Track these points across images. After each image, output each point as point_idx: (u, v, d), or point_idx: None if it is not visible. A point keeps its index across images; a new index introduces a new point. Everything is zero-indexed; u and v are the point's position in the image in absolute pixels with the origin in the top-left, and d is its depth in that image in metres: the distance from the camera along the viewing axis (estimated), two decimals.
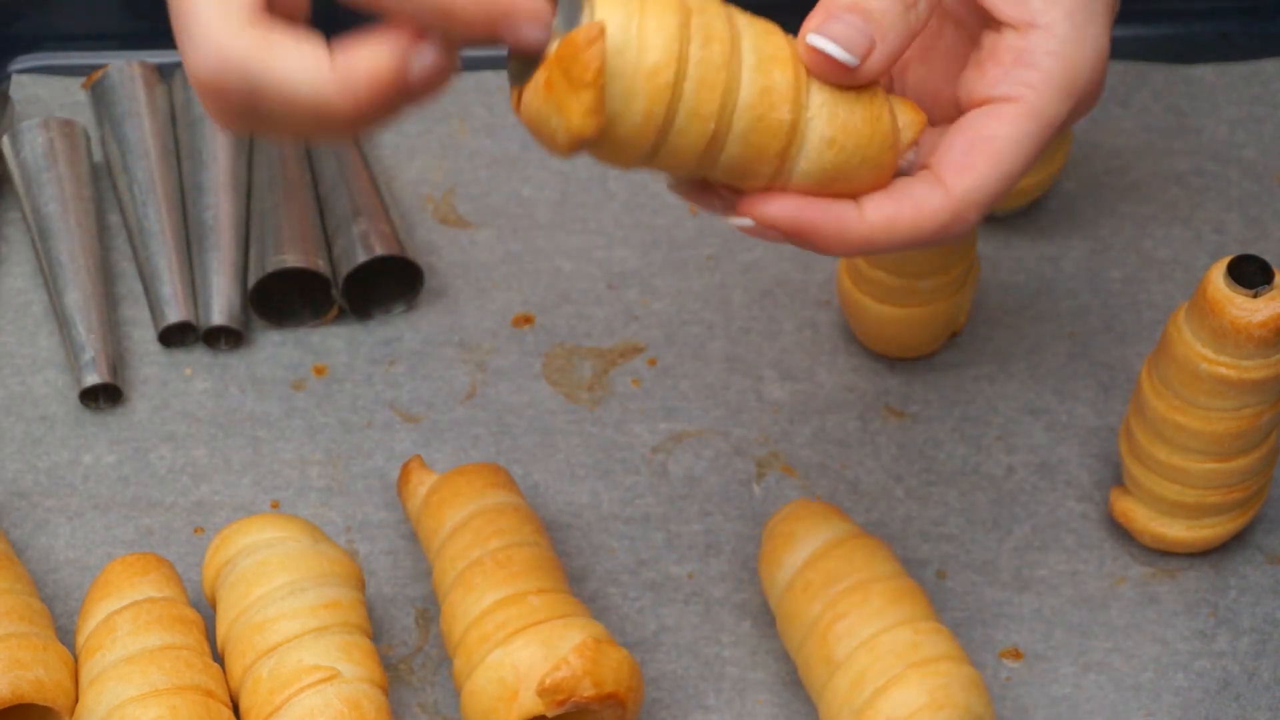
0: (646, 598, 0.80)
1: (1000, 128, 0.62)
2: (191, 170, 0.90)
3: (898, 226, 0.62)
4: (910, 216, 0.62)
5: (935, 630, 0.73)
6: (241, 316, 0.87)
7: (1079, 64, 0.63)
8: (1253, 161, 0.94)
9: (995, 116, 0.62)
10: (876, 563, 0.75)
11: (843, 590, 0.74)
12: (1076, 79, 0.63)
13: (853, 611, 0.73)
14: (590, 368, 0.87)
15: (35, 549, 0.81)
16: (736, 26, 0.60)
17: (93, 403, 0.85)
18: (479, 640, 0.73)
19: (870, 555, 0.75)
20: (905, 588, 0.74)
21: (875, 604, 0.73)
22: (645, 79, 0.58)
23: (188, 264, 0.88)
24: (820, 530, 0.76)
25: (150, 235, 0.88)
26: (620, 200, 0.93)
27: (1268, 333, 0.73)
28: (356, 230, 0.87)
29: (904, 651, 0.72)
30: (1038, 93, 0.62)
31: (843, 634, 0.73)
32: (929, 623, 0.73)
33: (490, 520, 0.76)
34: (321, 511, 0.82)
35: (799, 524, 0.76)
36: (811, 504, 0.77)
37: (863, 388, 0.86)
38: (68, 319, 0.85)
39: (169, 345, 0.87)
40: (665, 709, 0.77)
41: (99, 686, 0.71)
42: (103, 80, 0.92)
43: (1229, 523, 0.79)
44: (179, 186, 0.90)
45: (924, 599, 0.74)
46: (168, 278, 0.87)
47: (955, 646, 0.73)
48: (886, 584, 0.74)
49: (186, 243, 0.88)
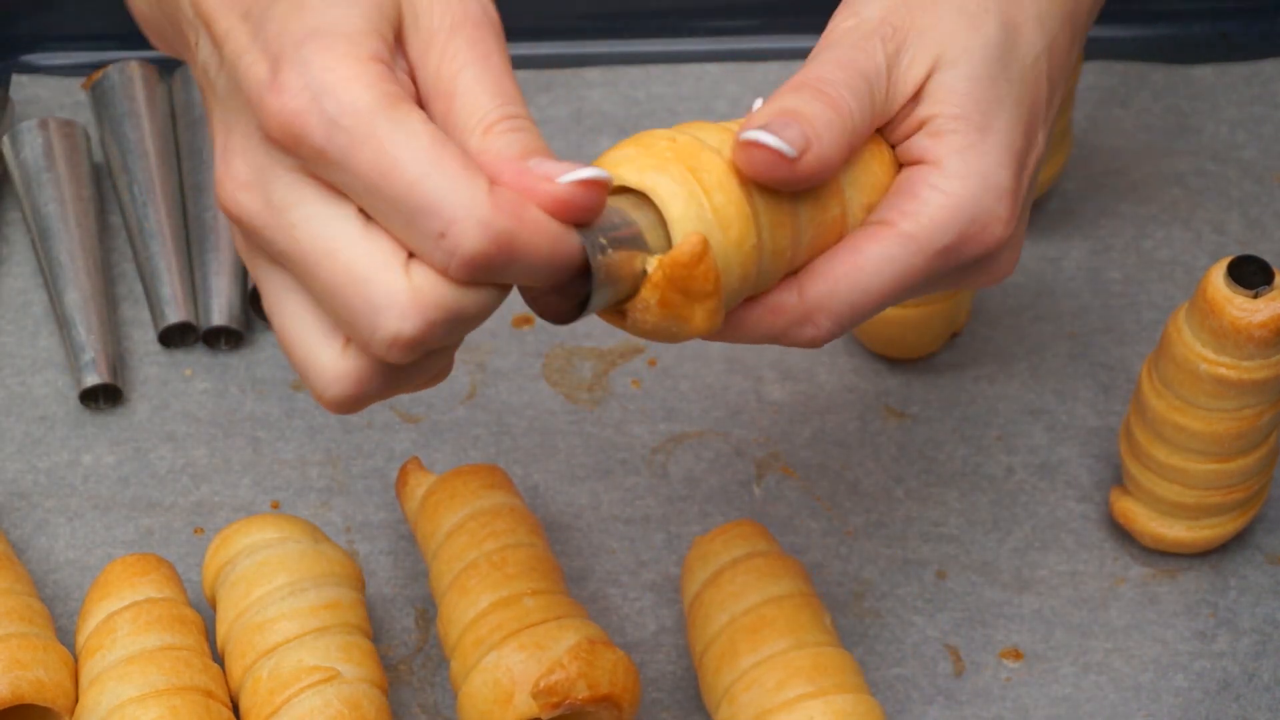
0: (646, 598, 0.80)
1: (869, 246, 0.62)
2: (191, 170, 0.90)
3: (750, 322, 0.62)
4: (759, 312, 0.62)
5: (787, 664, 0.72)
6: (241, 317, 0.87)
7: (964, 199, 0.62)
8: (1253, 161, 0.94)
9: (868, 236, 0.62)
10: (744, 597, 0.74)
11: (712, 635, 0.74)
12: (959, 212, 0.62)
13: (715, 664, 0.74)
14: (590, 368, 0.87)
15: (35, 549, 0.81)
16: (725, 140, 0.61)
17: (93, 403, 0.85)
18: (474, 643, 0.73)
19: (739, 590, 0.74)
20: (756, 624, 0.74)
21: (729, 654, 0.73)
22: (735, 249, 0.58)
23: (188, 264, 0.88)
24: (702, 568, 0.76)
25: (150, 235, 0.88)
26: None
27: (1268, 333, 0.73)
28: None
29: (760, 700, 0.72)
30: (913, 221, 0.62)
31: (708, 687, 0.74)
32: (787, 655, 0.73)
33: (486, 522, 0.76)
34: (321, 512, 0.82)
35: (692, 560, 0.77)
36: (721, 531, 0.77)
37: (863, 388, 0.86)
38: (68, 319, 0.85)
39: (169, 346, 0.87)
40: (665, 709, 0.77)
41: (99, 687, 0.71)
42: (102, 81, 0.92)
43: (1229, 523, 0.79)
44: (179, 186, 0.90)
45: (795, 623, 0.73)
46: (167, 278, 0.87)
47: (829, 678, 0.72)
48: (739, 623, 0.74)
49: (187, 243, 0.88)
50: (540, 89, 0.97)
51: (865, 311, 0.62)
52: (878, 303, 0.62)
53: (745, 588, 0.74)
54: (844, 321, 0.62)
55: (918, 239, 0.62)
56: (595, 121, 0.96)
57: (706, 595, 0.75)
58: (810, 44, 0.64)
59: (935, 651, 0.78)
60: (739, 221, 0.58)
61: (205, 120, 0.91)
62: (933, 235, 0.62)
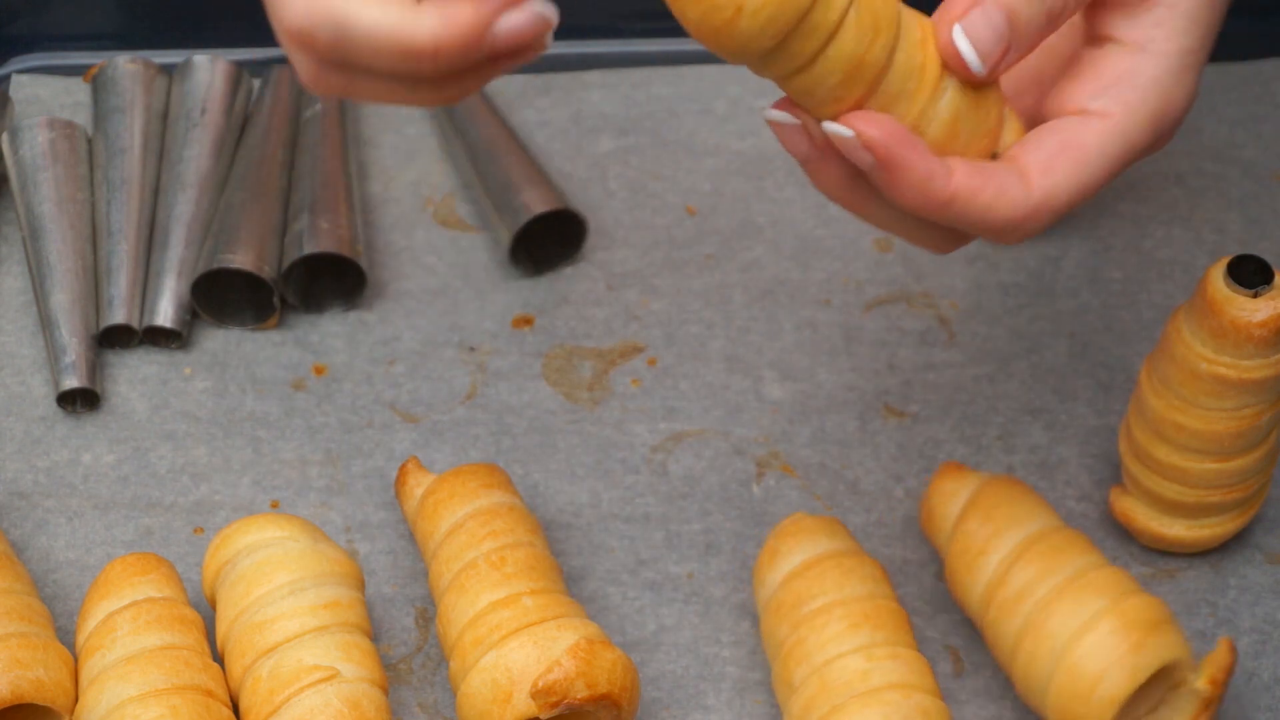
0: (646, 597, 0.80)
1: (1091, 137, 0.63)
2: (168, 167, 0.90)
3: (975, 201, 0.61)
4: (989, 196, 0.62)
5: (893, 656, 0.72)
6: (184, 317, 0.86)
7: (1173, 99, 0.64)
8: (1253, 161, 0.94)
9: (1087, 127, 0.63)
10: (850, 584, 0.74)
11: (806, 614, 0.74)
12: (1167, 113, 0.64)
13: (810, 637, 0.73)
14: (590, 368, 0.87)
15: (35, 549, 0.81)
16: None
17: (70, 406, 0.84)
18: (473, 643, 0.73)
19: (845, 575, 0.74)
20: (872, 610, 0.73)
21: (833, 629, 0.73)
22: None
23: (144, 263, 0.87)
24: (801, 548, 0.76)
25: (112, 233, 0.87)
26: (620, 200, 0.93)
27: (1267, 333, 0.73)
28: (299, 226, 0.87)
29: (852, 681, 0.71)
30: (1132, 113, 0.63)
31: (800, 659, 0.73)
32: (889, 648, 0.72)
33: (485, 522, 0.76)
34: (321, 511, 0.82)
35: (783, 541, 0.76)
36: (806, 519, 0.77)
37: (863, 388, 0.86)
38: (52, 320, 0.85)
39: (111, 346, 0.86)
40: (665, 709, 0.77)
41: (99, 686, 0.71)
42: (100, 74, 0.92)
43: (1229, 523, 0.79)
44: (155, 184, 0.90)
45: (893, 621, 0.74)
46: (117, 278, 0.86)
47: (913, 673, 0.72)
48: (851, 607, 0.73)
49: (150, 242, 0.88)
50: (540, 91, 0.97)
51: (1079, 205, 0.63)
52: (1091, 196, 0.63)
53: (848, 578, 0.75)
54: (1059, 216, 0.63)
55: (1132, 135, 0.63)
56: (595, 123, 0.96)
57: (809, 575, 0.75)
58: None
59: (935, 652, 0.78)
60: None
61: (193, 115, 0.91)
62: (1143, 132, 0.63)
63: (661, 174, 0.94)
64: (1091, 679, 0.70)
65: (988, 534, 0.74)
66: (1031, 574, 0.73)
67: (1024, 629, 0.72)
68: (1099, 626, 0.70)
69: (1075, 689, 0.70)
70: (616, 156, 0.94)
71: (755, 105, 0.96)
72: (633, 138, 0.95)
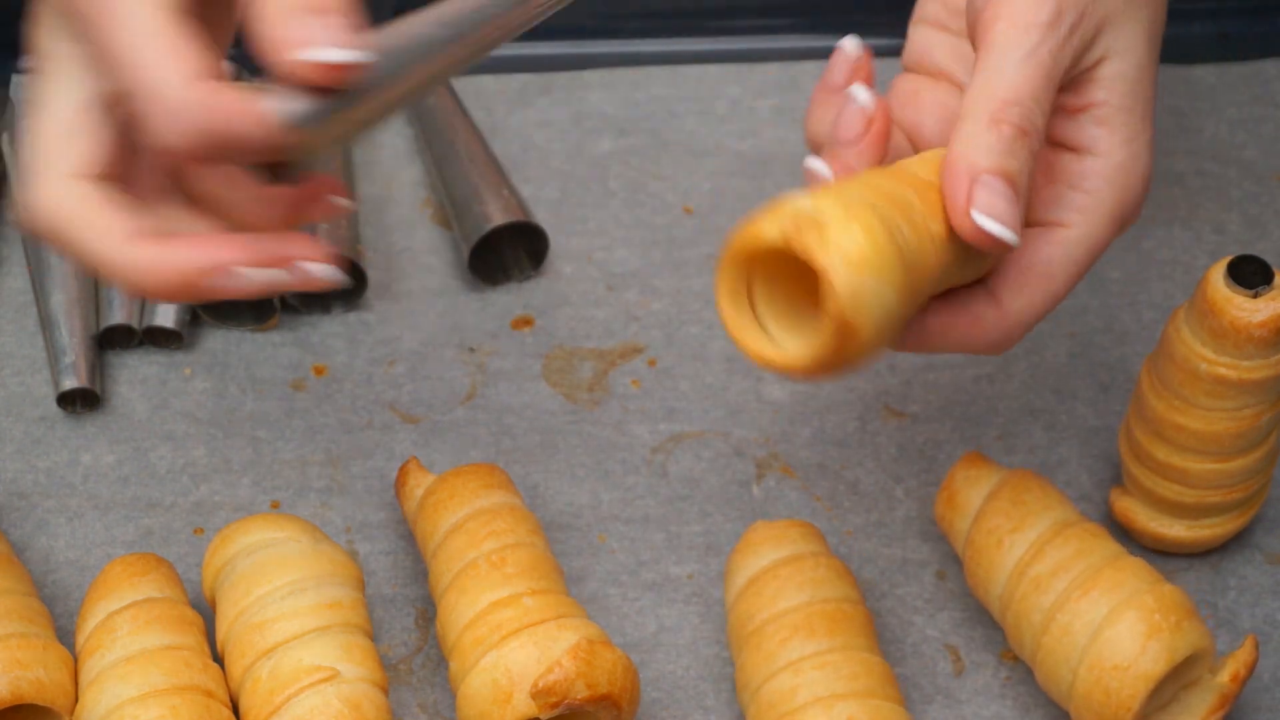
0: (646, 598, 0.80)
1: (1055, 251, 0.64)
2: None
3: (951, 335, 0.64)
4: (965, 328, 0.64)
5: (820, 666, 0.72)
6: (184, 317, 0.86)
7: (1130, 188, 0.65)
8: (1253, 161, 0.94)
9: (1050, 240, 0.64)
10: (786, 594, 0.74)
11: (748, 634, 0.74)
12: (1126, 202, 0.65)
13: (748, 660, 0.74)
14: (590, 369, 0.87)
15: (35, 549, 0.81)
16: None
17: (70, 407, 0.85)
18: (473, 643, 0.73)
19: (781, 586, 0.74)
20: (803, 620, 0.73)
21: (766, 649, 0.73)
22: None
23: None
24: (745, 566, 0.76)
25: None
26: (620, 200, 0.93)
27: (1267, 333, 0.73)
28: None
29: (777, 703, 0.72)
30: (1091, 218, 0.64)
31: (743, 685, 0.74)
32: (816, 658, 0.72)
33: (485, 522, 0.76)
34: (321, 511, 0.82)
35: (731, 562, 0.77)
36: (753, 534, 0.77)
37: (863, 388, 0.86)
38: (52, 321, 0.85)
39: (111, 347, 0.86)
40: (665, 709, 0.77)
41: (99, 686, 0.72)
42: None
43: (1229, 523, 0.79)
44: None
45: (826, 625, 0.73)
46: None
47: (841, 678, 0.72)
48: (782, 621, 0.73)
49: None
50: (540, 91, 0.97)
51: (1047, 313, 0.65)
52: (1059, 302, 0.65)
53: (805, 583, 0.75)
54: (1032, 327, 0.65)
55: (1094, 238, 0.64)
56: (595, 123, 0.96)
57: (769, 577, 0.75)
58: (810, 44, 0.65)
59: (935, 651, 0.78)
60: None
61: None
62: (1106, 231, 0.64)
63: (661, 174, 0.94)
64: (1131, 653, 0.70)
65: (1021, 514, 0.75)
66: (1070, 551, 0.73)
67: (1060, 603, 0.72)
68: (1140, 603, 0.71)
69: (1112, 662, 0.70)
70: (616, 156, 0.94)
71: (755, 105, 0.96)
72: (632, 138, 0.95)
